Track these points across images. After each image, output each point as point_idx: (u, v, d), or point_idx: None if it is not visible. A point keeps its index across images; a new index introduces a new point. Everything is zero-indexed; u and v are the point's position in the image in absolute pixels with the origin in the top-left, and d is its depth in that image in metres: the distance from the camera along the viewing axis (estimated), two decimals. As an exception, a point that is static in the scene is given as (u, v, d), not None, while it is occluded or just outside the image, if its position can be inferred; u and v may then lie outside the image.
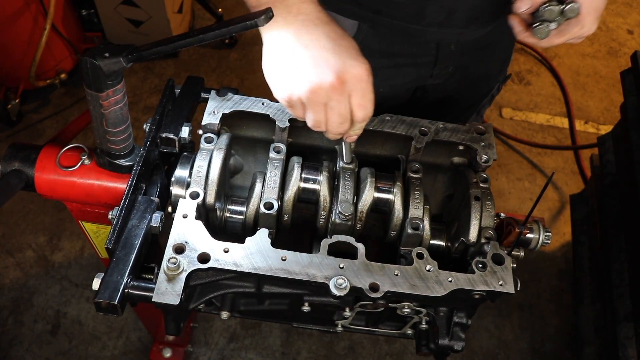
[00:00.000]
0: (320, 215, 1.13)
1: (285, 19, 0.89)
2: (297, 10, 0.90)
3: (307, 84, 0.88)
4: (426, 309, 1.14)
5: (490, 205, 1.12)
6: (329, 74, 0.87)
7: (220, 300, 1.20)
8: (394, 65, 1.33)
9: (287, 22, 0.89)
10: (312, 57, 0.88)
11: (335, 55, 0.88)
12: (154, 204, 1.09)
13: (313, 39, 0.89)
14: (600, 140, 2.36)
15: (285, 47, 0.90)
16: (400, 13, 1.21)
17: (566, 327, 2.50)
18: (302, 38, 0.89)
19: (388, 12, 1.22)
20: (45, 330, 2.32)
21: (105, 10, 3.00)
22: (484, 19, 1.26)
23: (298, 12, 0.90)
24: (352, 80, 0.89)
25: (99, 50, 0.91)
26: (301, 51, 0.88)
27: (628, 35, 3.71)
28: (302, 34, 0.89)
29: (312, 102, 0.90)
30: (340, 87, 0.88)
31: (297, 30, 0.89)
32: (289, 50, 0.89)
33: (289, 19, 0.89)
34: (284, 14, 0.89)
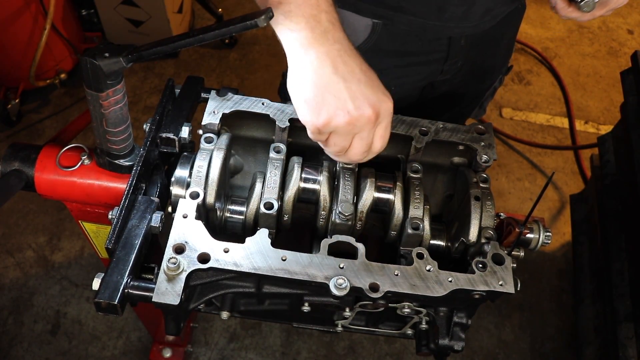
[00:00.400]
0: (320, 215, 1.13)
1: (323, 46, 0.89)
2: (332, 39, 0.90)
3: (346, 116, 0.89)
4: (426, 309, 1.14)
5: (490, 205, 1.12)
6: (366, 107, 0.90)
7: (220, 300, 1.20)
8: (406, 64, 1.35)
9: (325, 50, 0.89)
10: (350, 89, 0.89)
11: (370, 89, 0.91)
12: (154, 204, 1.09)
13: (349, 70, 0.90)
14: (600, 140, 2.36)
15: (325, 77, 0.89)
16: (421, 9, 1.23)
17: (566, 327, 2.50)
18: (340, 69, 0.89)
19: (408, 8, 1.23)
20: (45, 330, 2.32)
21: (105, 10, 3.00)
22: (498, 9, 1.30)
23: (334, 41, 0.90)
24: (384, 114, 0.93)
25: (99, 50, 0.91)
26: (340, 83, 0.89)
27: (628, 35, 3.71)
28: (339, 64, 0.89)
29: (345, 132, 0.92)
30: (375, 120, 0.92)
31: (334, 60, 0.89)
32: (328, 80, 0.89)
33: (327, 47, 0.89)
34: (322, 41, 0.89)
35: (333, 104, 0.89)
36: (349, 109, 0.89)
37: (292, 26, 0.88)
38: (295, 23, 0.88)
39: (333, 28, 0.90)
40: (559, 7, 1.19)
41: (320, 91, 0.89)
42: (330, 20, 0.90)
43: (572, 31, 3.69)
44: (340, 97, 0.89)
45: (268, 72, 3.29)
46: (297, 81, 0.91)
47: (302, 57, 0.89)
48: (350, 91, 0.89)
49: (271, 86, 3.21)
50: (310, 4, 0.88)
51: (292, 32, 0.89)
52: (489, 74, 1.56)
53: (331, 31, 0.90)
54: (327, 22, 0.89)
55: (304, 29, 0.88)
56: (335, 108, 0.89)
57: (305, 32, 0.88)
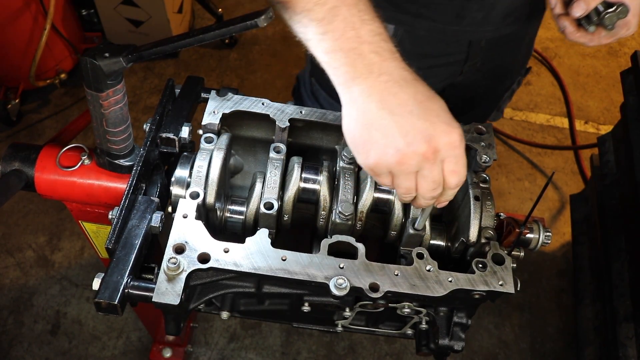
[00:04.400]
0: (321, 215, 1.13)
1: (367, 80, 0.82)
2: (378, 71, 0.82)
3: (395, 154, 0.81)
4: (426, 309, 1.14)
5: (490, 206, 1.12)
6: (420, 142, 0.81)
7: (220, 300, 1.20)
8: (427, 66, 1.35)
9: (369, 84, 0.82)
10: (399, 124, 0.81)
11: (424, 120, 0.81)
12: (154, 204, 1.09)
13: (399, 103, 0.81)
14: (600, 140, 2.36)
15: (370, 113, 0.82)
16: (440, 15, 1.23)
17: (566, 327, 2.50)
18: (387, 102, 0.81)
19: (428, 15, 1.23)
20: (45, 330, 2.32)
21: (105, 10, 3.00)
22: (519, 13, 1.30)
23: (380, 73, 0.82)
24: (444, 148, 0.83)
25: (99, 50, 0.91)
26: (387, 118, 0.81)
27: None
28: (386, 97, 0.81)
29: (401, 172, 0.84)
30: (433, 156, 0.82)
31: (381, 94, 0.82)
32: (373, 116, 0.82)
33: (371, 81, 0.82)
34: (365, 75, 0.82)
35: (381, 142, 0.82)
36: (399, 146, 0.81)
37: (333, 63, 0.83)
38: (334, 59, 0.82)
39: (380, 59, 0.83)
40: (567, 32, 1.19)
41: (366, 129, 0.82)
42: (375, 51, 0.83)
43: (572, 31, 3.68)
44: (388, 133, 0.81)
45: (268, 72, 3.29)
46: (345, 120, 0.85)
47: (347, 95, 0.84)
48: (399, 126, 0.81)
49: (271, 86, 3.21)
50: (348, 38, 0.81)
51: (334, 69, 0.83)
52: (509, 74, 1.56)
53: (377, 63, 0.82)
54: (371, 54, 0.82)
55: (344, 65, 0.82)
56: (383, 146, 0.82)
57: (345, 68, 0.82)
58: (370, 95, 0.82)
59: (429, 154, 0.82)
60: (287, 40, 3.45)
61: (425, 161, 0.83)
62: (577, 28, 1.17)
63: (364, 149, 0.84)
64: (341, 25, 0.82)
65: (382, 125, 0.82)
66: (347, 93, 0.84)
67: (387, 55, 0.84)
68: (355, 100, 0.83)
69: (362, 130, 0.83)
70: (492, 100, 1.63)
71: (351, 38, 0.82)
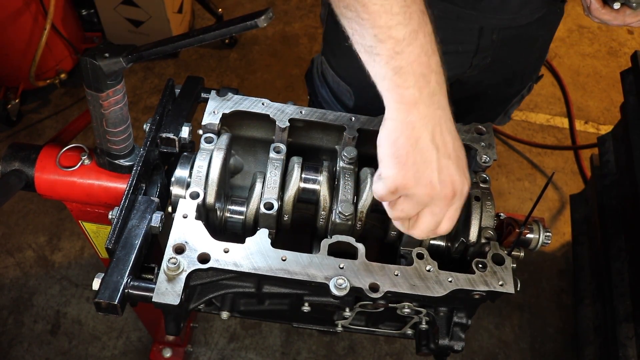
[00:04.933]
0: (320, 215, 1.13)
1: (429, 108, 0.86)
2: (437, 103, 0.87)
3: (428, 186, 0.88)
4: (426, 309, 1.14)
5: (490, 206, 1.12)
6: (449, 185, 0.89)
7: (220, 300, 1.20)
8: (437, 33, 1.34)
9: (429, 113, 0.87)
10: (440, 162, 0.88)
11: (456, 168, 0.90)
12: (154, 204, 1.09)
13: (444, 142, 0.89)
14: (600, 140, 2.36)
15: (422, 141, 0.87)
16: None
17: (566, 327, 2.50)
18: (436, 138, 0.88)
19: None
20: (45, 330, 2.32)
21: (105, 10, 3.00)
22: (537, 2, 1.28)
23: (438, 106, 0.87)
24: (459, 196, 0.92)
25: (99, 50, 0.91)
26: (434, 152, 0.88)
27: (628, 35, 3.71)
28: (437, 133, 0.88)
29: (419, 201, 0.91)
30: (451, 200, 0.91)
31: (434, 127, 0.87)
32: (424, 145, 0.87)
33: (431, 110, 0.87)
34: (427, 103, 0.86)
35: (421, 171, 0.88)
36: (434, 181, 0.88)
37: (400, 82, 0.85)
38: (403, 80, 0.85)
39: (440, 91, 0.88)
40: (592, 8, 1.19)
41: (413, 152, 0.87)
42: (439, 83, 0.87)
43: (572, 31, 3.69)
44: (430, 167, 0.88)
45: (268, 72, 3.29)
46: (392, 136, 0.88)
47: (404, 115, 0.87)
48: (439, 164, 0.88)
49: (271, 86, 3.21)
50: (421, 63, 0.84)
51: (399, 87, 0.85)
52: (519, 77, 1.54)
53: (438, 94, 0.87)
54: (435, 84, 0.86)
55: (412, 87, 0.85)
56: (421, 175, 0.88)
57: (412, 91, 0.85)
58: (427, 124, 0.87)
59: (450, 197, 0.90)
60: (287, 40, 3.45)
61: (445, 201, 0.90)
62: (602, 5, 1.17)
63: (404, 168, 0.88)
64: (417, 50, 0.84)
65: (428, 157, 0.87)
66: (405, 113, 0.87)
67: (444, 90, 0.89)
68: (412, 122, 0.86)
69: (410, 151, 0.87)
70: (499, 103, 1.62)
71: (424, 64, 0.85)
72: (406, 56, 0.84)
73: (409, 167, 0.88)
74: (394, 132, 0.88)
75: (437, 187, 0.88)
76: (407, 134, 0.87)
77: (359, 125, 1.19)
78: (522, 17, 1.30)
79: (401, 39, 0.83)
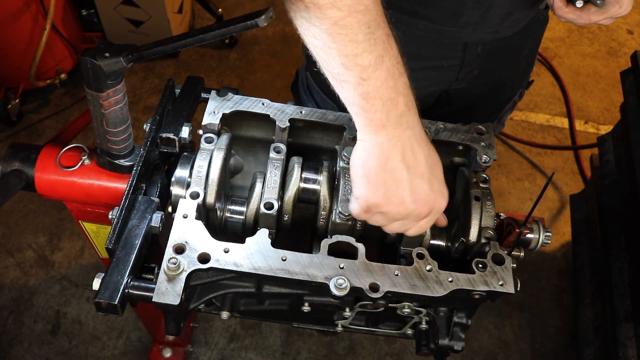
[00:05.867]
0: (321, 215, 1.13)
1: (396, 131, 0.88)
2: (406, 124, 0.89)
3: (400, 206, 0.92)
4: (426, 309, 1.14)
5: (490, 206, 1.12)
6: (422, 205, 0.93)
7: (220, 300, 1.20)
8: (420, 67, 1.33)
9: (398, 134, 0.89)
10: (411, 182, 0.91)
11: (429, 186, 0.93)
12: (154, 204, 1.09)
13: (415, 162, 0.91)
14: (600, 140, 2.36)
15: (391, 161, 0.90)
16: (437, 14, 1.21)
17: (566, 327, 2.50)
18: (407, 158, 0.90)
19: (424, 14, 1.21)
20: (45, 330, 2.32)
21: (105, 10, 3.00)
22: (518, 14, 1.27)
23: (407, 126, 0.89)
24: (434, 212, 0.96)
25: (99, 50, 0.91)
26: (404, 172, 0.90)
27: (628, 35, 3.71)
28: (407, 152, 0.90)
29: (391, 217, 0.95)
30: (424, 216, 0.95)
31: (404, 147, 0.89)
32: (394, 165, 0.90)
33: (400, 131, 0.89)
34: (394, 125, 0.88)
35: (392, 191, 0.90)
36: (406, 201, 0.91)
37: (368, 107, 0.87)
38: (371, 105, 0.86)
39: (408, 112, 0.89)
40: (555, 7, 1.16)
41: (383, 174, 0.90)
42: (407, 104, 0.89)
43: (572, 31, 3.69)
44: (401, 186, 0.90)
45: (268, 72, 3.29)
46: (362, 157, 0.91)
47: (373, 137, 0.89)
48: (411, 184, 0.90)
49: (271, 86, 3.21)
50: (388, 87, 0.86)
51: (367, 112, 0.87)
52: (508, 86, 1.53)
53: (406, 115, 0.89)
54: (403, 106, 0.88)
55: (379, 111, 0.86)
56: (392, 195, 0.90)
57: (380, 115, 0.87)
58: (395, 145, 0.89)
59: (423, 215, 0.95)
60: (287, 40, 3.45)
61: (417, 218, 0.95)
62: (565, 3, 1.14)
63: (375, 189, 0.91)
64: (383, 75, 0.85)
65: (399, 178, 0.90)
66: (374, 135, 0.89)
67: (413, 109, 0.91)
68: (381, 144, 0.89)
69: (379, 171, 0.90)
70: (491, 112, 1.60)
71: (390, 87, 0.86)
72: (373, 82, 0.85)
73: (379, 187, 0.91)
74: (364, 153, 0.91)
75: (410, 206, 0.92)
76: (376, 154, 0.89)
77: (359, 125, 1.18)
78: (505, 29, 1.29)
79: (367, 65, 0.84)
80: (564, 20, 1.18)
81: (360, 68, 0.84)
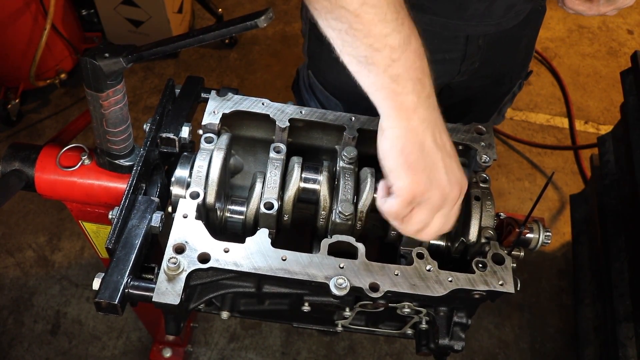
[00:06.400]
0: (321, 215, 1.13)
1: (427, 111, 0.87)
2: (433, 105, 0.88)
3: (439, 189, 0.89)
4: (426, 309, 1.14)
5: (490, 205, 1.12)
6: (456, 185, 0.91)
7: (220, 300, 1.20)
8: None
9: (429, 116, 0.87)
10: (446, 164, 0.89)
11: (457, 168, 0.92)
12: (154, 204, 1.09)
13: (443, 143, 0.90)
14: (600, 140, 2.36)
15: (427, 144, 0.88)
16: (443, 7, 1.21)
17: (566, 327, 2.50)
18: (437, 139, 0.89)
19: (430, 7, 1.21)
20: (45, 330, 2.32)
21: (105, 10, 3.00)
22: (520, 5, 1.28)
23: (434, 108, 0.88)
24: (462, 192, 0.94)
25: (99, 50, 0.91)
26: (439, 154, 0.88)
27: (628, 35, 3.71)
28: (437, 134, 0.89)
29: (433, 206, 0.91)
30: (458, 199, 0.93)
31: (434, 129, 0.88)
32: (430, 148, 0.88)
33: (430, 112, 0.87)
34: (425, 106, 0.86)
35: (433, 174, 0.88)
36: (444, 183, 0.89)
37: (399, 90, 0.85)
38: (402, 87, 0.84)
39: (433, 93, 0.88)
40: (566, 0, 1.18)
41: (423, 159, 0.87)
42: (431, 85, 0.88)
43: (572, 31, 3.69)
44: (439, 169, 0.88)
45: (268, 72, 3.29)
46: (398, 145, 0.87)
47: (405, 122, 0.86)
48: (445, 164, 0.89)
49: (271, 86, 3.21)
50: (416, 68, 0.85)
51: (398, 95, 0.85)
52: (508, 77, 1.54)
53: (432, 97, 0.88)
54: (429, 87, 0.87)
55: (410, 93, 0.85)
56: (434, 178, 0.88)
57: (411, 97, 0.85)
58: (427, 127, 0.87)
59: (457, 196, 0.92)
60: (287, 40, 3.45)
61: (453, 201, 0.92)
62: None
63: (417, 174, 0.87)
64: (412, 56, 0.84)
65: (435, 160, 0.88)
66: (404, 120, 0.87)
67: (434, 92, 0.89)
68: (415, 128, 0.86)
69: (418, 156, 0.87)
70: (491, 104, 1.62)
71: (419, 68, 0.85)
72: (403, 62, 0.84)
73: (421, 173, 0.87)
74: (399, 140, 0.87)
75: (448, 187, 0.89)
76: (412, 139, 0.87)
77: (359, 125, 1.19)
78: (507, 21, 1.30)
79: (397, 46, 0.82)
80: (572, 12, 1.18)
81: (390, 49, 0.82)
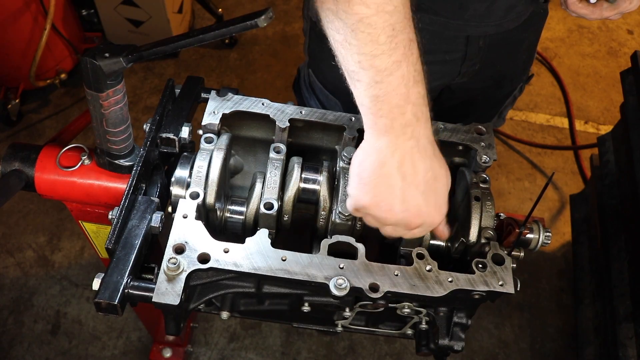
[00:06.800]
0: (320, 215, 1.13)
1: (397, 139, 0.87)
2: (410, 134, 0.88)
3: (388, 212, 0.91)
4: (426, 309, 1.14)
5: (490, 206, 1.12)
6: (413, 216, 0.92)
7: (220, 300, 1.20)
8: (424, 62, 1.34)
9: (398, 143, 0.88)
10: (404, 191, 0.89)
11: (424, 199, 0.91)
12: (154, 204, 1.09)
13: (413, 172, 0.89)
14: (600, 140, 2.36)
15: (387, 167, 0.89)
16: (443, 7, 1.21)
17: (566, 327, 2.50)
18: (404, 167, 0.89)
19: (430, 7, 1.21)
20: (45, 330, 2.32)
21: (105, 10, 3.00)
22: (521, 7, 1.28)
23: (410, 137, 0.88)
24: (425, 226, 0.95)
25: (99, 50, 0.91)
26: (399, 181, 0.89)
27: (628, 35, 3.71)
28: (406, 162, 0.88)
29: (381, 222, 0.94)
30: (415, 227, 0.94)
31: (403, 156, 0.88)
32: (389, 172, 0.89)
33: (401, 140, 0.88)
34: (398, 133, 0.87)
35: (382, 196, 0.90)
36: (395, 209, 0.90)
37: (375, 110, 0.86)
38: (378, 108, 0.86)
39: (416, 123, 0.88)
40: (570, 2, 1.18)
41: (375, 178, 0.89)
42: (416, 114, 0.87)
43: (572, 31, 3.69)
44: (393, 193, 0.89)
45: (268, 72, 3.29)
46: (360, 157, 0.92)
47: (374, 141, 0.89)
48: (404, 193, 0.89)
49: (271, 86, 3.21)
50: (398, 94, 0.85)
51: (373, 115, 0.87)
52: (508, 80, 1.54)
53: (412, 125, 0.87)
54: (411, 116, 0.87)
55: (384, 117, 0.86)
56: (381, 200, 0.90)
57: (384, 120, 0.86)
58: (394, 153, 0.88)
59: (412, 226, 0.94)
60: (287, 40, 3.45)
61: (406, 228, 0.94)
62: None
63: (366, 191, 0.91)
64: (397, 81, 0.85)
65: (392, 185, 0.89)
66: (375, 137, 0.89)
67: (423, 120, 0.89)
68: (380, 149, 0.89)
69: (373, 175, 0.90)
70: (492, 106, 1.62)
71: (401, 95, 0.85)
72: (384, 86, 0.84)
73: (369, 190, 0.90)
74: (363, 154, 0.91)
75: (399, 214, 0.91)
76: (373, 158, 0.89)
77: (359, 125, 1.19)
78: (508, 22, 1.30)
79: (382, 69, 0.83)
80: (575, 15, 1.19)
81: (375, 70, 0.83)
